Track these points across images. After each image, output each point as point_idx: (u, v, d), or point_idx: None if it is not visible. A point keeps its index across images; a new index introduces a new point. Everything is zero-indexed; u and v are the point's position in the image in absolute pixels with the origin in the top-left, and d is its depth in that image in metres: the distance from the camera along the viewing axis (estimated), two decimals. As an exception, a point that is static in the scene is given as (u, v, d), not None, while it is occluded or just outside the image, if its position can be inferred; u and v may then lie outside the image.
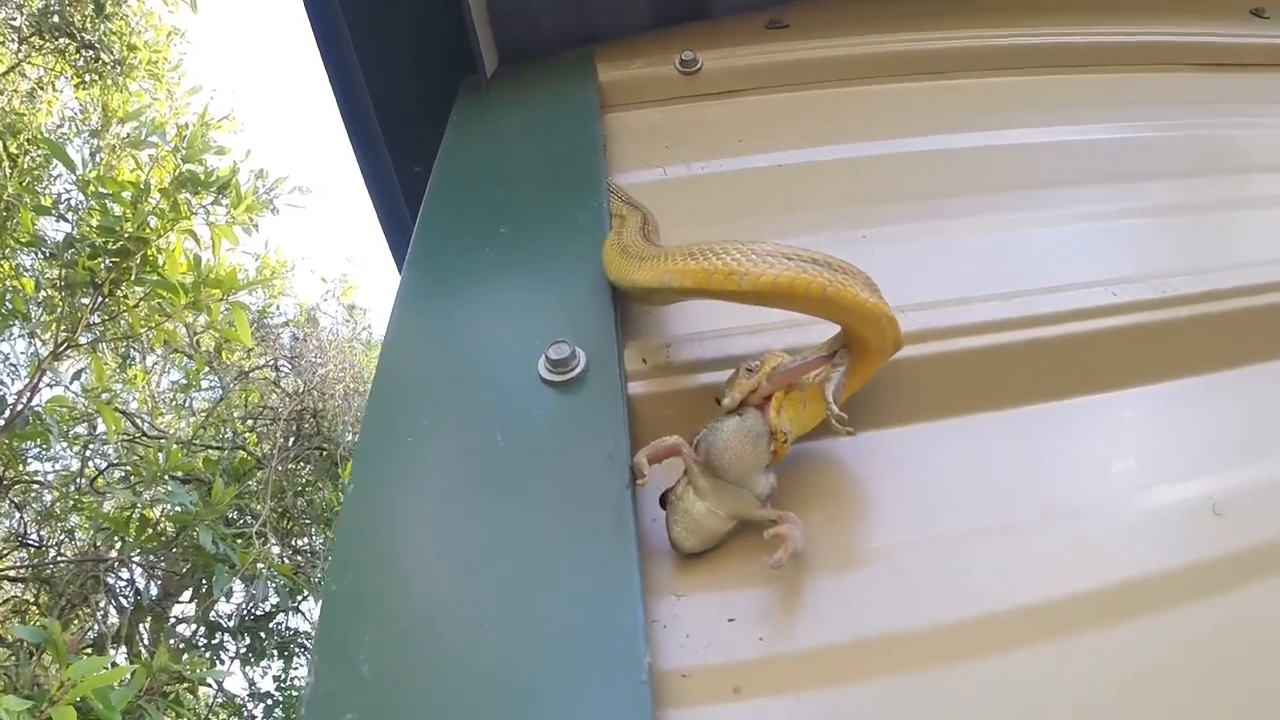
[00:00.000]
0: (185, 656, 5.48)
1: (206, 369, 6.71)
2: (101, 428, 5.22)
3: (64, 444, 6.13)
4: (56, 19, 6.77)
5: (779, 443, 0.89)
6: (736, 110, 1.65)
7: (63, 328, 5.08)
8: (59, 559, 6.07)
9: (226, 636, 6.64)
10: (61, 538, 6.53)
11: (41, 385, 5.20)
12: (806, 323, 0.99)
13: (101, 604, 5.94)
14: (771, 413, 0.89)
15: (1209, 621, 0.89)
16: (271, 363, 7.10)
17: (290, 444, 6.50)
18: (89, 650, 5.84)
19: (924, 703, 0.81)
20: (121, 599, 5.92)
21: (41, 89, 7.14)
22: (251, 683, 7.16)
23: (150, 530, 5.20)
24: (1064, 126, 1.65)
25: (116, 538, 5.41)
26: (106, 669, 3.55)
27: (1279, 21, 1.97)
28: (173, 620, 6.45)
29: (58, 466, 6.60)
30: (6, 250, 5.54)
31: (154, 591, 6.24)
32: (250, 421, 6.93)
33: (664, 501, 0.91)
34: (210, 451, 6.38)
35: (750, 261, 0.88)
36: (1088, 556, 0.93)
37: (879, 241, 1.31)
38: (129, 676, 3.77)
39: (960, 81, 1.74)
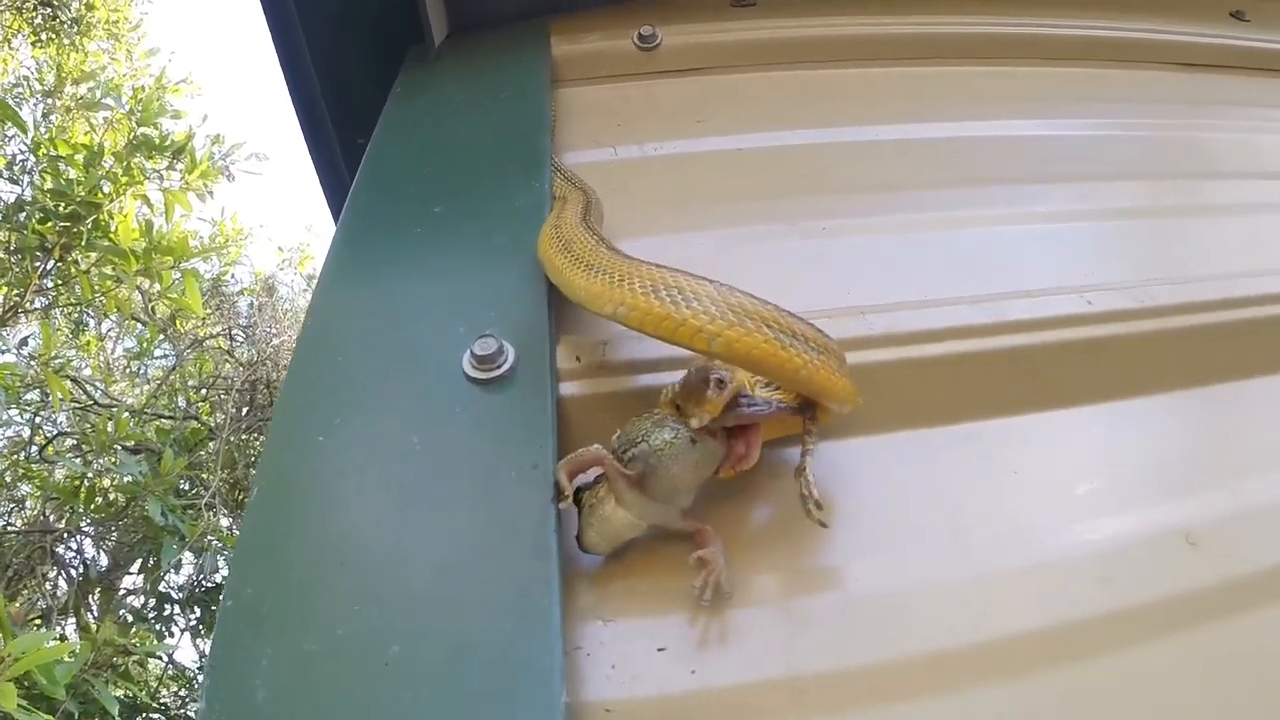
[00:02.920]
0: (134, 629, 5.38)
1: (161, 337, 6.58)
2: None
3: (15, 410, 6.00)
4: (14, -27, 6.60)
5: (727, 472, 0.83)
6: (695, 90, 1.57)
7: (14, 292, 4.95)
8: (8, 529, 5.94)
9: (176, 608, 6.54)
10: (10, 507, 6.39)
11: (-9, 351, 5.07)
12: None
13: (51, 575, 5.83)
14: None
15: (1182, 660, 0.83)
16: (226, 332, 6.97)
17: (243, 414, 6.38)
18: (38, 621, 5.74)
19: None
20: (71, 570, 5.81)
21: (-4, 47, 6.94)
22: (202, 654, 7.06)
23: (100, 500, 5.09)
24: (1038, 120, 1.60)
25: (66, 508, 5.30)
26: (51, 644, 3.44)
27: (1259, 25, 1.93)
28: (122, 592, 6.34)
29: (9, 433, 6.46)
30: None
31: (104, 562, 6.13)
32: (203, 391, 6.80)
33: (577, 499, 0.83)
34: (162, 421, 6.25)
35: (725, 320, 0.79)
36: (1051, 588, 0.86)
37: (840, 235, 1.24)
38: (75, 651, 3.66)
39: (931, 69, 1.69)
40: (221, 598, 0.82)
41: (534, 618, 0.72)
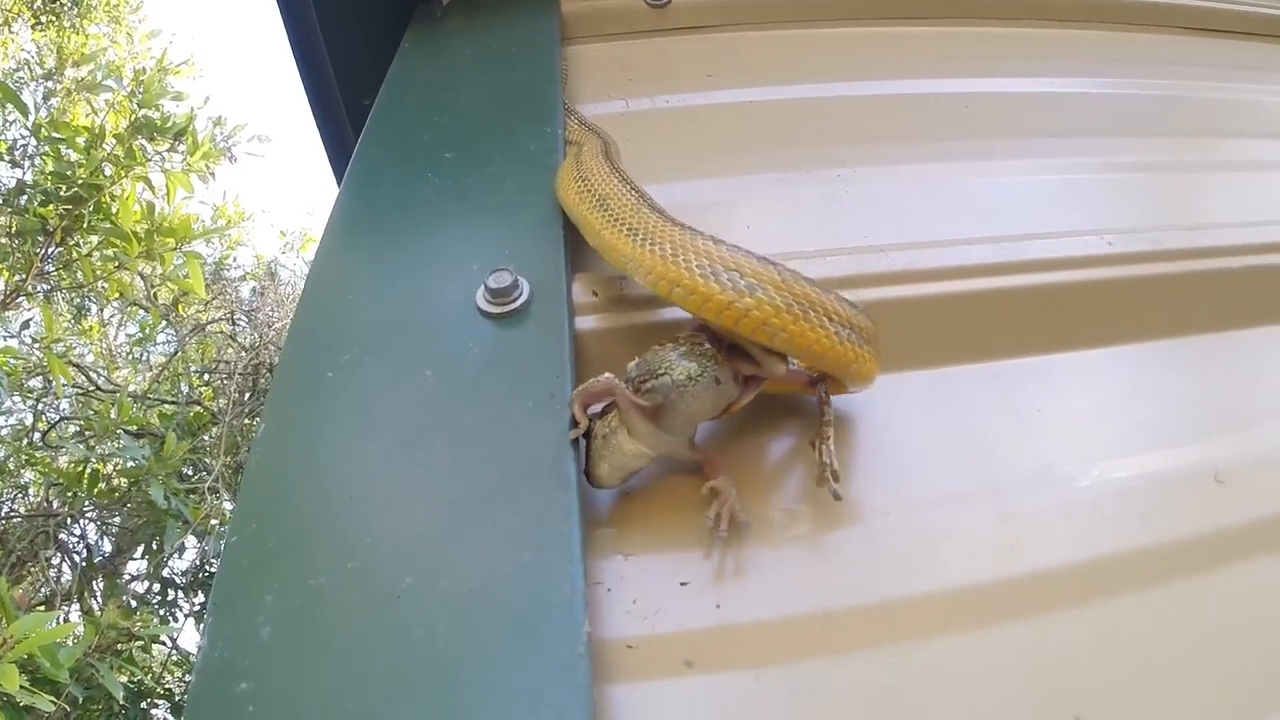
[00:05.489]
0: (138, 613, 5.36)
1: (163, 322, 6.56)
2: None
3: (18, 397, 5.98)
4: (14, -43, 6.57)
5: (732, 411, 0.83)
6: (706, 46, 1.56)
7: (15, 277, 4.93)
8: (12, 515, 5.92)
9: (180, 594, 6.53)
10: (14, 493, 6.37)
11: (-8, 336, 5.06)
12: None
13: (54, 561, 5.81)
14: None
15: (1211, 598, 0.81)
16: (228, 316, 6.96)
17: (246, 399, 6.36)
18: (41, 607, 5.72)
19: (897, 681, 0.73)
20: (74, 555, 5.80)
21: (-3, 31, 6.91)
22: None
23: (102, 485, 5.07)
24: (1052, 79, 1.59)
25: (69, 493, 5.29)
26: (53, 625, 3.42)
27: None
28: (126, 577, 6.33)
29: (12, 421, 6.44)
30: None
31: (107, 548, 6.12)
32: (206, 376, 6.79)
33: (586, 432, 0.81)
34: (165, 406, 6.24)
35: (790, 314, 0.77)
36: (1079, 525, 0.85)
37: (856, 182, 1.23)
38: (78, 633, 3.64)
39: (946, 29, 1.68)
40: (226, 534, 0.80)
41: (554, 546, 0.70)
